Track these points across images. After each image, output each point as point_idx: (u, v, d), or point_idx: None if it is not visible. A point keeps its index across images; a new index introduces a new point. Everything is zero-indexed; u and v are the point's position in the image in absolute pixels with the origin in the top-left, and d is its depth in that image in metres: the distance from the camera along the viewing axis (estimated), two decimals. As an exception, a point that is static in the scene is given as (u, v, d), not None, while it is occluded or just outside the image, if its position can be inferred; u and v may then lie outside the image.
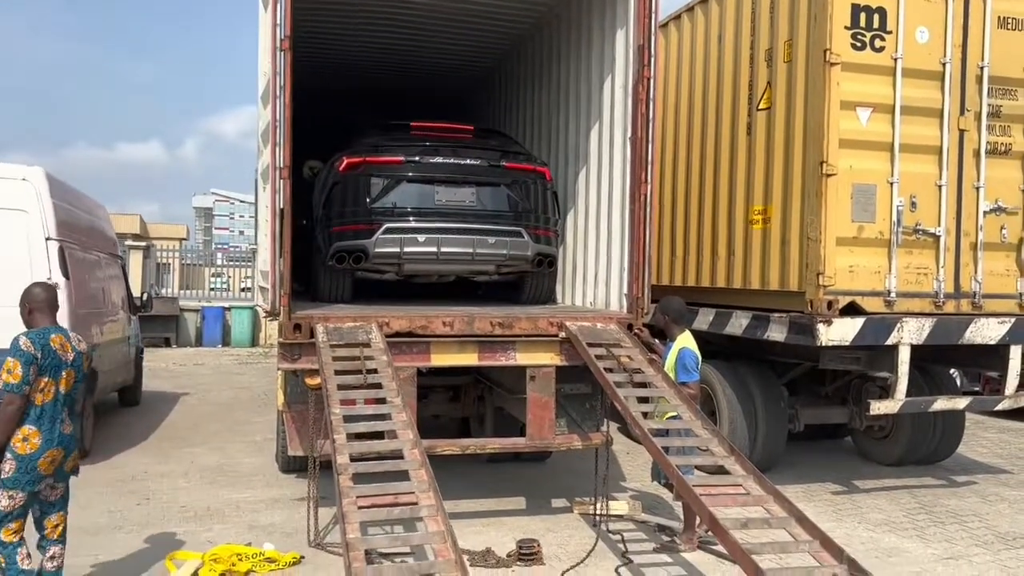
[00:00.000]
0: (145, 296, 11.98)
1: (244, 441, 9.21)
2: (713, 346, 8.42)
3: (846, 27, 6.62)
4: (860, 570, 3.54)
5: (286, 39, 5.70)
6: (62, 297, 7.71)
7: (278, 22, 5.75)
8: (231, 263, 28.52)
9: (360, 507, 3.75)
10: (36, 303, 4.35)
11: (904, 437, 8.30)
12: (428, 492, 3.91)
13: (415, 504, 3.84)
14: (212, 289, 26.19)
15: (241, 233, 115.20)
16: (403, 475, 4.14)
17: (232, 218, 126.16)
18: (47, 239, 7.78)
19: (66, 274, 7.86)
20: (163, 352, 18.68)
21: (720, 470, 4.58)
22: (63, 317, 7.63)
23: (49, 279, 7.66)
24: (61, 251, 7.89)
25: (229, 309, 21.03)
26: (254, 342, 20.89)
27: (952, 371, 10.90)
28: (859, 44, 6.66)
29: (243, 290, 24.00)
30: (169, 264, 23.59)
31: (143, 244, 21.92)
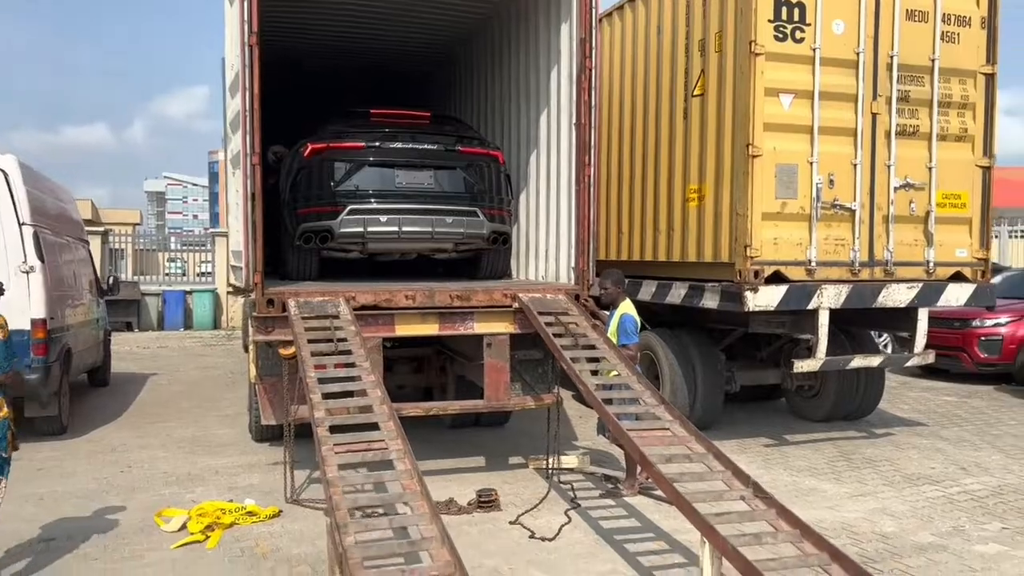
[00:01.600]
0: (111, 279, 12.28)
1: (217, 415, 9.67)
2: (658, 316, 9.13)
3: (769, 20, 7.26)
4: (762, 492, 4.20)
5: (254, 35, 6.13)
6: (38, 280, 8.14)
7: (245, 18, 6.18)
8: (186, 247, 28.48)
9: (337, 452, 4.30)
10: None
11: (831, 395, 9.08)
12: (397, 439, 4.47)
13: (385, 449, 4.40)
14: (167, 274, 26.21)
15: (195, 217, 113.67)
16: (374, 426, 4.70)
17: (185, 202, 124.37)
18: (21, 224, 8.12)
19: (41, 258, 8.21)
20: (126, 336, 18.89)
21: (652, 417, 5.22)
22: (38, 301, 8.08)
23: (25, 263, 8.05)
24: (36, 236, 8.23)
25: (190, 293, 21.23)
26: (216, 325, 21.15)
27: (883, 336, 11.80)
28: (781, 36, 7.30)
29: (200, 274, 24.09)
30: (123, 250, 23.56)
31: (101, 229, 21.92)
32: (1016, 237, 21.38)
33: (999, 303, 12.57)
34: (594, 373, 5.88)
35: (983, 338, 12.01)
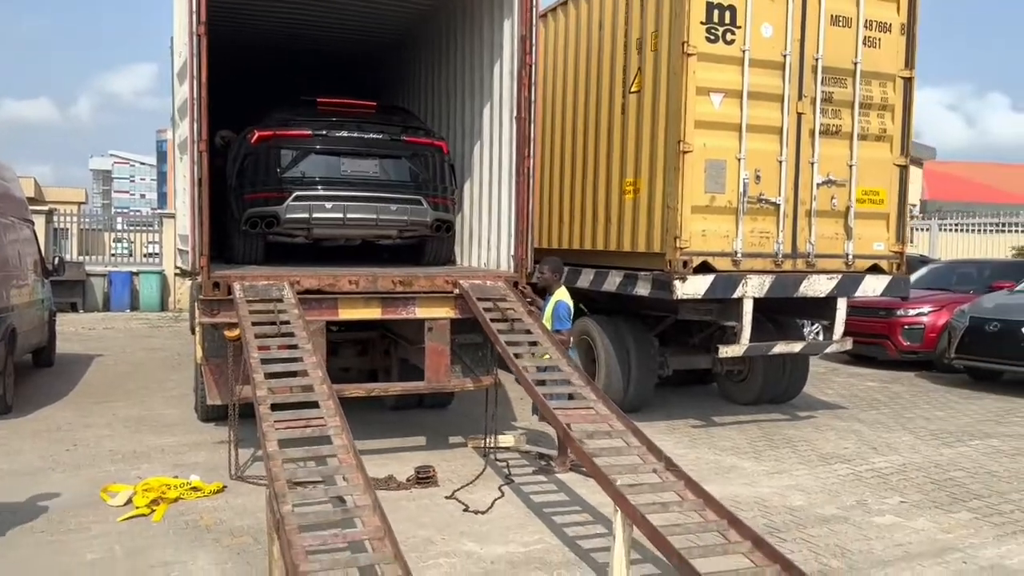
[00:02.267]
0: (56, 260, 12.26)
1: (163, 396, 9.79)
2: (597, 303, 9.50)
3: (701, 22, 7.62)
4: (673, 466, 4.58)
5: (202, 25, 6.29)
6: (-18, 260, 8.18)
7: (194, 8, 6.33)
8: (133, 227, 28.01)
9: (277, 428, 4.55)
10: None
11: (758, 379, 9.57)
12: (335, 417, 4.74)
13: (324, 425, 4.67)
14: (113, 255, 25.84)
15: (143, 196, 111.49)
16: (313, 404, 4.96)
17: (133, 181, 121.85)
18: (-35, 205, 8.15)
19: (-15, 238, 8.25)
20: (71, 317, 18.72)
21: (578, 397, 5.57)
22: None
23: (-31, 243, 8.08)
24: (-21, 216, 8.26)
25: (137, 274, 21.07)
26: (163, 307, 21.04)
27: (816, 325, 12.36)
28: (712, 37, 7.67)
29: (147, 255, 23.83)
30: (67, 229, 23.16)
31: (45, 208, 21.57)
32: (947, 231, 22.29)
33: (923, 294, 13.34)
34: (529, 356, 6.19)
35: (906, 327, 12.66)
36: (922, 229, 22.96)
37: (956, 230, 22.22)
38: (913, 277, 14.48)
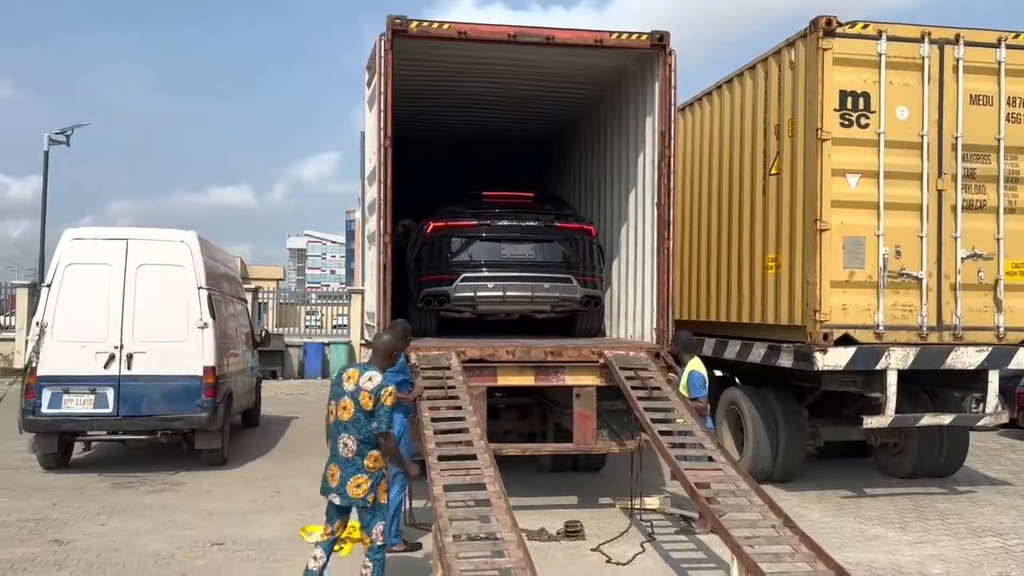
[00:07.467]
0: (263, 332, 14.10)
1: (349, 453, 11.03)
2: (747, 373, 9.86)
3: (835, 109, 8.09)
4: (791, 523, 5.01)
5: (388, 139, 7.57)
6: (210, 334, 9.80)
7: (382, 124, 7.63)
8: (323, 301, 30.79)
9: (442, 475, 5.42)
10: None
11: (914, 452, 9.49)
12: (490, 468, 5.56)
13: (480, 474, 5.50)
14: (307, 326, 28.49)
15: (332, 272, 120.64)
16: (472, 457, 5.81)
17: (324, 258, 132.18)
18: (199, 288, 9.85)
19: (213, 315, 9.90)
20: (271, 383, 20.94)
21: (709, 459, 6.09)
22: (210, 351, 9.71)
23: (201, 319, 9.74)
24: (209, 297, 9.94)
25: (328, 345, 23.27)
26: (350, 374, 22.98)
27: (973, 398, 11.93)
28: (847, 122, 8.10)
29: (336, 327, 26.14)
30: (267, 304, 25.91)
31: (252, 287, 24.41)
32: None
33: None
34: (664, 422, 6.79)
35: (1093, 402, 11.95)
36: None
37: None
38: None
